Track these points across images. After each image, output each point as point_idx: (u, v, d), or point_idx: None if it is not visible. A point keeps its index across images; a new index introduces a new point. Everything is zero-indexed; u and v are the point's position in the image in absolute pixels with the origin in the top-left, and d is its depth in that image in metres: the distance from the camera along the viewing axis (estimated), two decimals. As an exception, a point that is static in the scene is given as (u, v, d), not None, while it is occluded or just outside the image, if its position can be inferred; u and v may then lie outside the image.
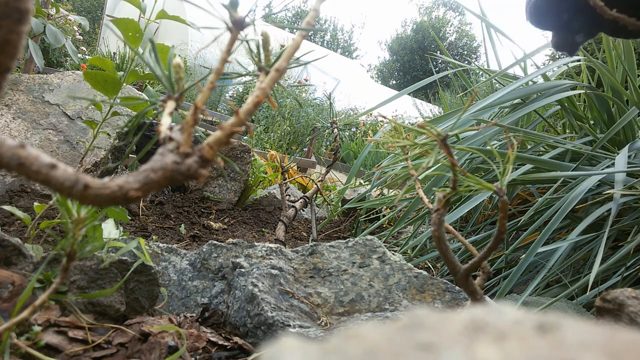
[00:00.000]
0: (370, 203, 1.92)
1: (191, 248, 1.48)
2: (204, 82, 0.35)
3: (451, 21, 29.87)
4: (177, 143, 0.30)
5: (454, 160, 0.44)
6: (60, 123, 1.74)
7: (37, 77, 1.84)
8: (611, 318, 0.68)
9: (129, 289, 0.79)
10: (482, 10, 2.00)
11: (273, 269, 0.97)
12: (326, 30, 19.55)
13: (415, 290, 0.99)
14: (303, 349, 0.12)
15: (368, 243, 1.08)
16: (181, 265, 1.01)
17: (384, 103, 1.80)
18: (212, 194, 2.10)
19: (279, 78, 0.33)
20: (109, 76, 1.11)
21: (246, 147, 2.20)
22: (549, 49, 5.73)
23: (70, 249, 0.55)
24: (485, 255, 0.49)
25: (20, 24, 0.25)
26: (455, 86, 2.63)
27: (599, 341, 0.12)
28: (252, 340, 0.83)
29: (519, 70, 2.02)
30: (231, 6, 0.33)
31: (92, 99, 0.36)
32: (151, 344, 0.68)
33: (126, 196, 0.28)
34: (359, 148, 6.65)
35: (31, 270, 0.73)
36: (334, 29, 30.16)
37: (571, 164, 1.38)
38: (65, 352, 0.63)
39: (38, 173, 0.27)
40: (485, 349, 0.12)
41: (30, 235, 0.99)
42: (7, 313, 0.63)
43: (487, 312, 0.14)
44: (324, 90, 5.82)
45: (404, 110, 10.49)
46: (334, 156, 2.05)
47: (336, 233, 2.11)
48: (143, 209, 1.76)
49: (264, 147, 6.08)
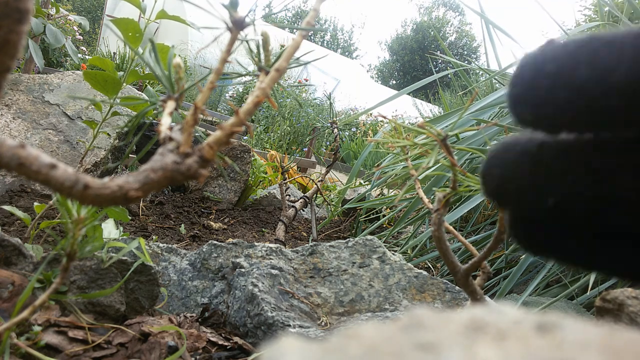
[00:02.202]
0: (370, 203, 1.92)
1: (191, 248, 1.48)
2: (204, 82, 0.35)
3: (451, 21, 29.88)
4: (177, 143, 0.30)
5: (454, 160, 0.44)
6: (60, 123, 1.74)
7: (37, 77, 1.84)
8: (611, 318, 0.68)
9: (129, 289, 0.79)
10: (482, 8, 2.00)
11: (273, 269, 0.97)
12: (326, 30, 19.57)
13: (415, 290, 0.99)
14: (303, 349, 0.12)
15: (368, 243, 1.08)
16: (181, 265, 1.01)
17: (384, 103, 1.80)
18: (212, 194, 2.10)
19: (279, 78, 0.33)
20: (109, 76, 1.11)
21: (246, 147, 2.20)
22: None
23: (70, 249, 0.55)
24: (485, 255, 0.49)
25: (20, 24, 0.25)
26: (455, 86, 2.63)
27: (599, 341, 0.12)
28: (252, 340, 0.83)
29: (519, 70, 2.02)
30: (231, 6, 0.33)
31: (92, 99, 0.36)
32: (151, 344, 0.68)
33: (126, 196, 0.28)
34: (359, 148, 6.64)
35: (31, 270, 0.73)
36: (334, 29, 30.17)
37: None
38: (65, 352, 0.63)
39: (38, 173, 0.27)
40: (485, 349, 0.12)
41: (30, 235, 0.99)
42: (7, 313, 0.63)
43: (487, 312, 0.14)
44: (324, 90, 5.82)
45: (404, 110, 10.48)
46: (334, 156, 2.05)
47: (336, 233, 2.11)
48: (143, 209, 1.76)
49: (264, 147, 6.08)
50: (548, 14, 1.77)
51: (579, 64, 0.18)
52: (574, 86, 0.18)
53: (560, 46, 0.20)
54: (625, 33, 0.18)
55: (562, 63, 0.19)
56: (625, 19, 1.57)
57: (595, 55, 0.18)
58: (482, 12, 1.99)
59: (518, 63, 0.22)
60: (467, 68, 2.16)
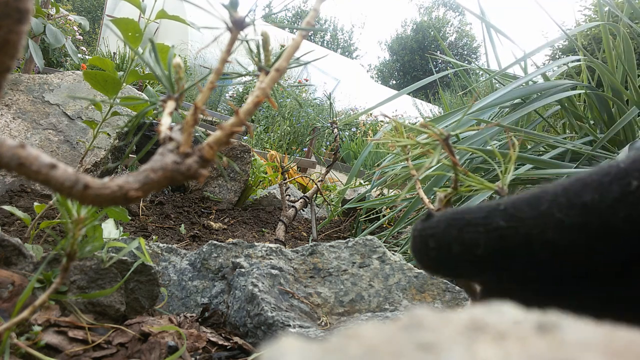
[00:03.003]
0: (370, 203, 1.92)
1: (191, 248, 1.48)
2: (204, 82, 0.35)
3: (451, 21, 29.87)
4: (177, 143, 0.30)
5: (455, 159, 0.44)
6: (60, 123, 1.75)
7: (37, 77, 1.84)
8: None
9: (129, 289, 0.79)
10: (482, 10, 2.00)
11: (273, 269, 0.97)
12: (326, 30, 19.55)
13: (415, 290, 0.99)
14: (303, 349, 0.12)
15: (368, 243, 1.08)
16: (181, 265, 1.01)
17: (384, 103, 1.80)
18: (212, 194, 2.10)
19: (279, 78, 0.33)
20: (109, 76, 1.11)
21: (246, 147, 2.20)
22: (549, 48, 5.67)
23: (70, 249, 0.55)
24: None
25: (20, 24, 0.25)
26: (455, 86, 2.63)
27: (599, 341, 0.12)
28: (252, 340, 0.83)
29: (519, 70, 2.02)
30: (231, 6, 0.33)
31: (92, 99, 0.36)
32: (151, 344, 0.68)
33: (126, 196, 0.28)
34: (359, 148, 6.64)
35: (31, 270, 0.73)
36: (334, 29, 30.16)
37: (571, 164, 1.38)
38: (65, 352, 0.63)
39: (38, 173, 0.27)
40: (485, 349, 0.12)
41: (30, 235, 0.99)
42: (7, 313, 0.63)
43: (487, 312, 0.14)
44: (324, 90, 5.82)
45: (404, 110, 10.48)
46: (334, 156, 2.05)
47: (336, 233, 2.11)
48: (143, 209, 1.76)
49: (264, 147, 6.08)
50: (548, 14, 1.77)
51: (451, 241, 0.25)
52: (451, 257, 0.25)
53: (435, 223, 0.27)
54: (477, 211, 0.25)
55: (440, 239, 0.26)
56: (625, 19, 1.57)
57: (461, 233, 0.25)
58: (482, 13, 1.99)
59: (412, 234, 0.29)
60: (467, 68, 2.16)
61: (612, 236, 0.21)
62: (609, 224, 0.21)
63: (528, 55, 1.67)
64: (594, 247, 0.21)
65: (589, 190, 0.22)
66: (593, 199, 0.21)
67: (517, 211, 0.23)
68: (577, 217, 0.22)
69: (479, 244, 0.24)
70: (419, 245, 0.27)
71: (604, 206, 0.21)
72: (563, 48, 6.15)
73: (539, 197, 0.23)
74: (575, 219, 0.22)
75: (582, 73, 1.88)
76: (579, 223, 0.21)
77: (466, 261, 0.25)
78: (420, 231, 0.27)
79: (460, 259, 0.25)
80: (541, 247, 0.22)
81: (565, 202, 0.22)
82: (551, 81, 1.62)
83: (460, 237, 0.25)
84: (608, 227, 0.21)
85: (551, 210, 0.22)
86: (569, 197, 0.22)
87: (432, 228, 0.26)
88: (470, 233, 0.25)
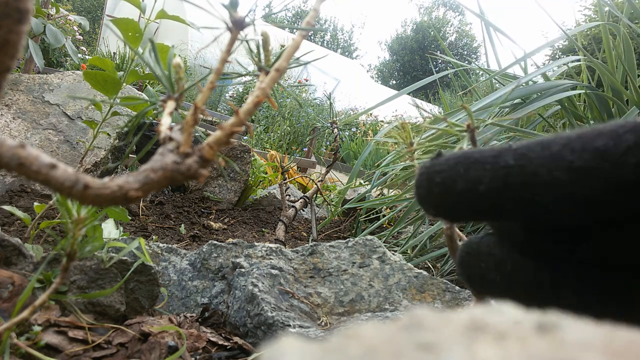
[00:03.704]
0: (370, 203, 1.92)
1: (191, 248, 1.48)
2: (204, 82, 0.35)
3: (451, 21, 29.87)
4: (177, 143, 0.30)
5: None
6: (60, 123, 1.75)
7: (37, 77, 1.84)
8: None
9: (129, 289, 0.79)
10: (482, 10, 2.00)
11: (273, 269, 0.97)
12: (326, 30, 19.56)
13: (415, 290, 0.99)
14: (303, 349, 0.12)
15: (368, 243, 1.08)
16: (181, 265, 1.01)
17: (384, 102, 1.80)
18: (212, 194, 2.10)
19: (279, 78, 0.33)
20: (109, 76, 1.11)
21: (246, 147, 2.20)
22: (549, 48, 5.66)
23: (70, 249, 0.55)
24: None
25: (20, 24, 0.25)
26: (455, 86, 2.63)
27: (599, 341, 0.12)
28: (252, 340, 0.83)
29: (519, 70, 2.02)
30: (231, 6, 0.33)
31: (92, 99, 0.36)
32: (151, 344, 0.68)
33: (126, 196, 0.28)
34: (359, 148, 6.64)
35: (31, 270, 0.73)
36: (334, 29, 30.15)
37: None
38: (65, 352, 0.63)
39: (38, 173, 0.27)
40: (485, 349, 0.12)
41: (30, 235, 0.99)
42: (7, 313, 0.63)
43: (487, 312, 0.14)
44: (324, 90, 5.82)
45: (404, 110, 10.48)
46: (334, 156, 2.05)
47: (336, 233, 2.11)
48: (143, 209, 1.76)
49: (264, 147, 6.08)
50: (548, 14, 1.77)
51: (457, 177, 0.25)
52: (455, 194, 0.25)
53: (444, 160, 0.26)
54: (488, 151, 0.25)
55: (446, 176, 0.26)
56: (625, 19, 1.57)
57: (468, 170, 0.25)
58: (481, 13, 1.99)
59: (418, 171, 0.28)
60: (467, 68, 2.16)
61: (620, 184, 0.21)
62: (619, 170, 0.21)
63: (528, 55, 1.67)
64: (599, 193, 0.21)
65: (604, 137, 0.22)
66: (607, 145, 0.21)
67: (529, 151, 0.23)
68: (588, 160, 0.22)
69: (484, 181, 0.24)
70: (424, 182, 0.27)
71: (617, 152, 0.21)
72: (563, 48, 6.15)
73: (553, 139, 0.23)
74: (586, 162, 0.22)
75: (582, 73, 1.88)
76: (588, 166, 0.21)
77: (467, 200, 0.25)
78: (428, 168, 0.27)
79: (462, 197, 0.25)
80: (545, 188, 0.22)
81: (579, 146, 0.22)
82: (551, 81, 1.62)
83: (467, 174, 0.25)
84: (618, 173, 0.21)
85: (563, 152, 0.22)
86: (583, 141, 0.22)
87: (440, 164, 0.26)
88: (477, 170, 0.24)
